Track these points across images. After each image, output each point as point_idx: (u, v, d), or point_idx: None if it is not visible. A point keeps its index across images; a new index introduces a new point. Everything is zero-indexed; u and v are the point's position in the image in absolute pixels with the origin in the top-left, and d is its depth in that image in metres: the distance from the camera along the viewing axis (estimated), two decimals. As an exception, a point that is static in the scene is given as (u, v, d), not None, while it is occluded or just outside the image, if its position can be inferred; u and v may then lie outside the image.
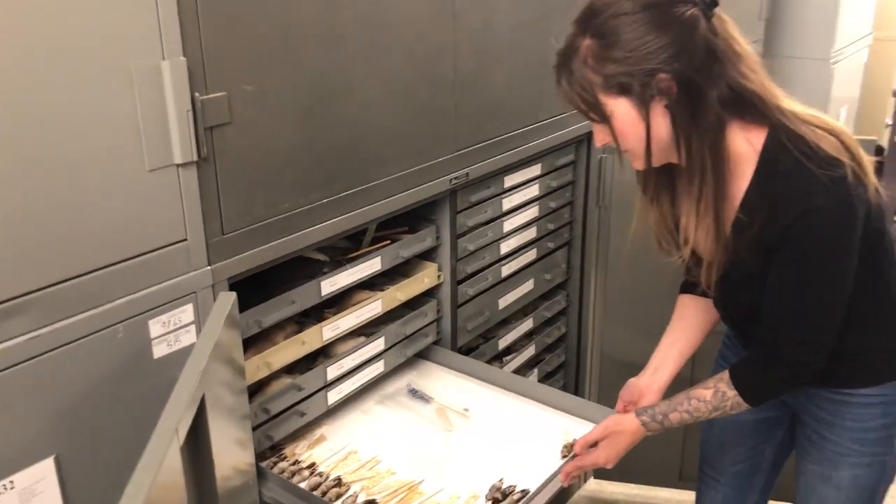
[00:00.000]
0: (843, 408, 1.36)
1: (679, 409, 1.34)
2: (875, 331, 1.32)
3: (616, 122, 1.17)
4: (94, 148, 1.01)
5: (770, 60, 3.06)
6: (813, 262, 1.17)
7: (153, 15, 1.02)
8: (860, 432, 1.36)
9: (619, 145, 1.21)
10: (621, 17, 1.13)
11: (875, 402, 1.34)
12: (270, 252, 1.27)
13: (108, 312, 1.06)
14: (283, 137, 1.25)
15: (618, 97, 1.15)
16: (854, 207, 1.14)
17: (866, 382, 1.34)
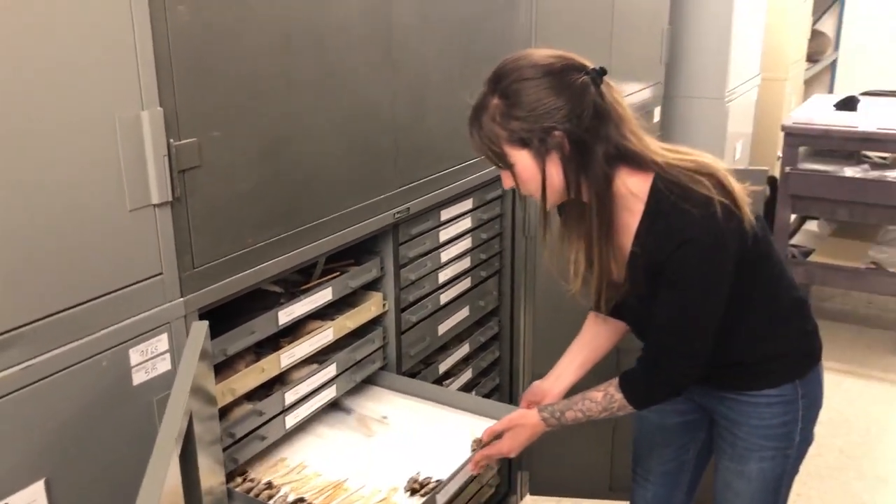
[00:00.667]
0: (749, 408, 1.54)
1: (574, 408, 1.51)
2: (770, 340, 1.51)
3: (518, 170, 1.37)
4: (81, 191, 1.10)
5: (671, 101, 3.34)
6: (688, 286, 1.37)
7: (134, 70, 1.13)
8: (765, 429, 1.54)
9: (520, 189, 1.40)
10: (524, 81, 1.33)
11: (776, 402, 1.53)
12: (236, 284, 1.37)
13: (93, 343, 1.14)
14: (247, 178, 1.36)
15: (520, 149, 1.35)
16: (724, 240, 1.34)
17: (767, 385, 1.52)
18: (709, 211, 1.32)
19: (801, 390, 1.52)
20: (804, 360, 1.55)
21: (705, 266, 1.35)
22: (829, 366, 3.34)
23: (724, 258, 1.35)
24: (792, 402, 1.53)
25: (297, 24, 1.40)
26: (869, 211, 3.35)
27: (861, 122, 3.43)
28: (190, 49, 1.21)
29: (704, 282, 1.36)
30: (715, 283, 1.37)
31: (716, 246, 1.33)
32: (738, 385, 1.54)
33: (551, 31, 2.24)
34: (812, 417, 1.57)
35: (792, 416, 1.53)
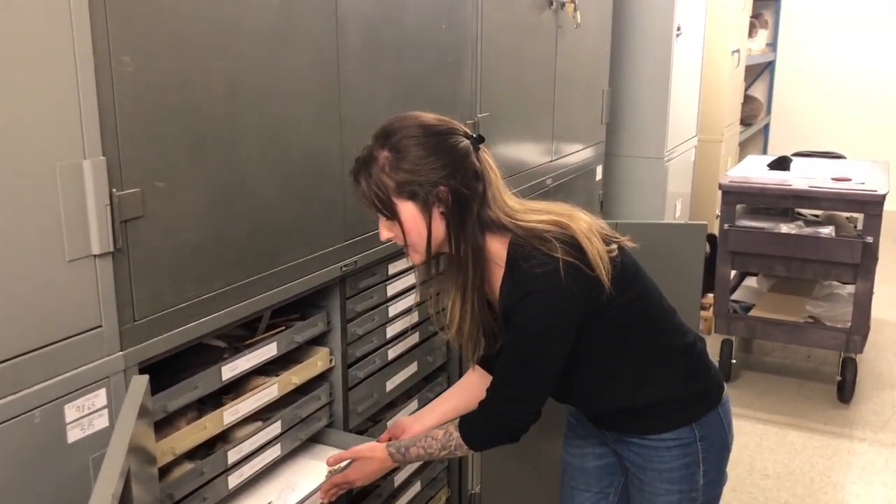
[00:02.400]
0: (651, 452, 1.58)
1: (417, 444, 1.56)
2: (653, 385, 1.56)
3: (403, 220, 1.43)
4: (18, 240, 1.07)
5: (612, 160, 3.43)
6: (526, 334, 1.44)
7: (77, 118, 1.12)
8: (668, 472, 1.58)
9: (404, 239, 1.45)
10: (411, 138, 1.41)
11: (673, 445, 1.56)
12: (178, 337, 1.34)
13: (26, 398, 1.10)
14: (190, 230, 1.34)
15: (406, 200, 1.41)
16: (563, 295, 1.40)
17: (662, 429, 1.57)
18: (548, 269, 1.40)
19: (698, 432, 1.56)
20: (697, 403, 1.58)
21: (542, 317, 1.42)
22: (773, 419, 3.41)
23: (563, 311, 1.42)
24: (689, 444, 1.56)
25: (245, 76, 1.41)
26: (805, 266, 3.46)
27: (794, 180, 3.56)
28: (134, 99, 1.21)
29: (540, 332, 1.43)
30: (551, 334, 1.43)
31: (554, 300, 1.41)
32: (635, 429, 1.59)
33: (495, 89, 2.29)
34: (716, 459, 1.59)
35: (692, 458, 1.57)
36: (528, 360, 1.46)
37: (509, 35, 2.36)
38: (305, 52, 1.55)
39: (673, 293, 1.97)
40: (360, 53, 1.71)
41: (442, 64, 2.04)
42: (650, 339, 1.55)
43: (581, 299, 1.42)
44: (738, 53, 4.84)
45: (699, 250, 2.22)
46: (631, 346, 1.53)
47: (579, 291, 1.41)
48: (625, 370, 1.54)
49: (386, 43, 1.80)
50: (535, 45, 2.55)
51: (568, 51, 2.75)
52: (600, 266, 1.43)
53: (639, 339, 1.54)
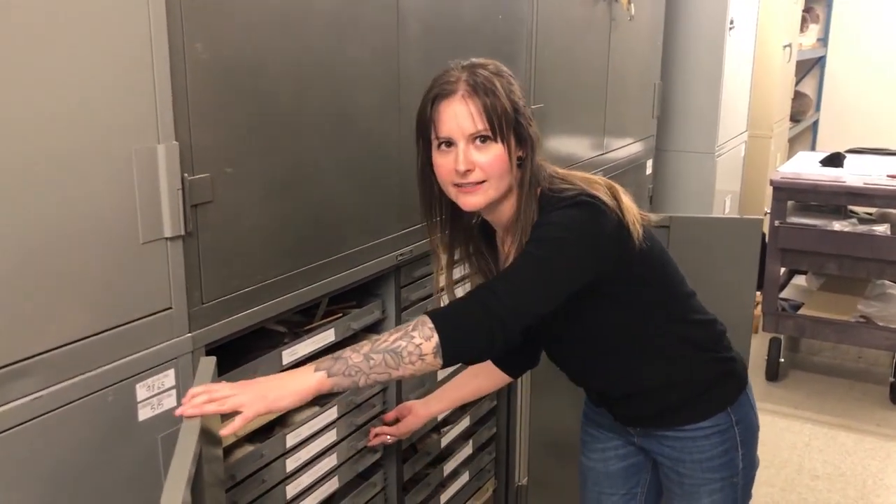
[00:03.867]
0: (689, 443, 1.56)
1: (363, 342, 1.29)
2: (690, 372, 1.54)
3: (504, 150, 1.36)
4: (96, 222, 1.10)
5: (662, 154, 3.40)
6: (549, 240, 1.35)
7: (152, 103, 1.14)
8: (707, 461, 1.55)
9: (484, 173, 1.36)
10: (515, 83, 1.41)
11: (712, 433, 1.54)
12: (243, 321, 1.36)
13: (100, 376, 1.13)
14: (256, 215, 1.36)
15: (511, 130, 1.37)
16: (594, 219, 1.35)
17: (699, 417, 1.54)
18: (582, 197, 1.37)
19: (734, 416, 1.55)
20: (731, 386, 1.57)
21: (569, 227, 1.34)
22: (822, 419, 3.35)
23: (591, 233, 1.35)
24: (727, 429, 1.55)
25: (311, 65, 1.43)
26: (857, 265, 3.40)
27: (848, 177, 3.50)
28: (206, 85, 1.23)
29: (562, 241, 1.34)
30: (572, 247, 1.35)
31: (586, 218, 1.35)
32: (671, 421, 1.56)
33: (548, 81, 2.29)
34: (751, 442, 1.59)
35: (731, 443, 1.56)
36: (538, 266, 1.33)
37: (564, 27, 2.36)
38: (368, 42, 1.57)
39: (725, 290, 1.96)
40: (419, 44, 1.72)
41: (497, 55, 2.02)
42: (677, 317, 1.53)
43: (610, 232, 1.36)
44: (790, 48, 4.76)
45: (754, 246, 2.19)
46: (659, 324, 1.50)
47: (610, 225, 1.36)
48: (655, 352, 1.51)
49: (444, 33, 1.81)
50: (588, 37, 2.54)
51: (621, 44, 2.73)
52: (633, 213, 1.41)
53: (666, 316, 1.51)
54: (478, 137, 1.36)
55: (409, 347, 1.25)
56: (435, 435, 2.04)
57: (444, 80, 1.38)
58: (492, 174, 1.37)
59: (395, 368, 1.25)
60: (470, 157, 1.35)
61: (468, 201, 1.38)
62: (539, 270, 1.33)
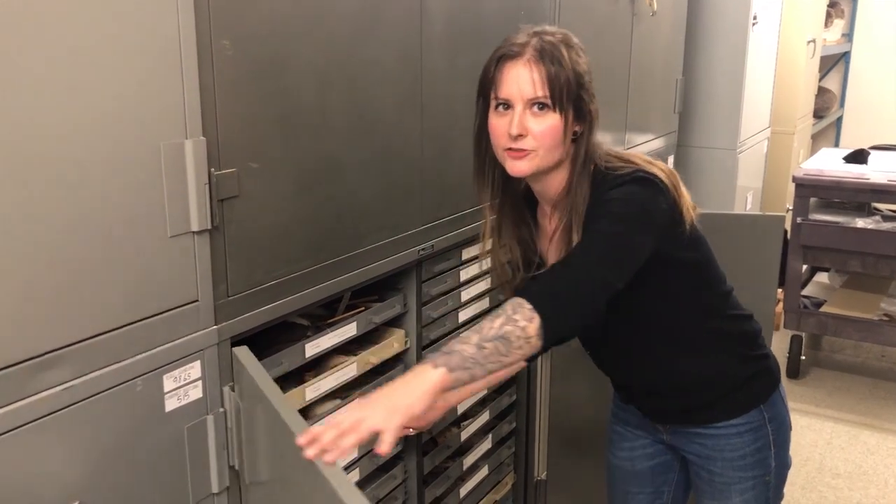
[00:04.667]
0: (720, 441, 1.54)
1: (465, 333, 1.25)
2: (725, 368, 1.53)
3: (559, 120, 1.35)
4: (125, 215, 1.12)
5: (684, 150, 3.39)
6: (615, 217, 1.34)
7: (180, 100, 1.16)
8: (740, 459, 1.54)
9: (535, 140, 1.35)
10: None
11: (745, 430, 1.53)
12: (267, 314, 1.38)
13: (130, 366, 1.15)
14: (281, 210, 1.38)
15: (570, 102, 1.36)
16: (660, 195, 1.36)
17: (732, 414, 1.53)
18: (640, 174, 1.37)
19: (767, 414, 1.54)
20: (764, 383, 1.56)
21: (635, 202, 1.34)
22: (844, 418, 3.34)
23: (653, 208, 1.35)
24: (760, 427, 1.54)
25: (335, 62, 1.45)
26: (881, 262, 3.38)
27: (872, 174, 3.47)
28: (233, 82, 1.25)
29: (630, 215, 1.34)
30: (638, 220, 1.34)
31: (647, 192, 1.35)
32: (703, 418, 1.55)
33: (571, 78, 2.29)
34: (784, 441, 1.57)
35: (763, 441, 1.54)
36: (612, 241, 1.32)
37: (586, 23, 2.36)
38: (391, 41, 1.58)
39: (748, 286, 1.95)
40: (442, 43, 1.73)
41: (519, 51, 2.04)
42: (716, 312, 1.52)
43: (666, 209, 1.37)
44: (814, 43, 4.71)
45: (776, 243, 2.19)
46: (698, 318, 1.50)
47: (666, 202, 1.37)
48: (692, 346, 1.51)
49: (466, 32, 1.82)
50: (610, 32, 2.53)
51: (643, 39, 2.72)
52: (687, 200, 1.42)
53: (706, 311, 1.50)
54: (536, 104, 1.35)
55: (515, 332, 1.22)
56: (455, 429, 2.06)
57: (512, 41, 1.37)
58: (543, 144, 1.36)
59: (506, 355, 1.22)
60: (524, 122, 1.35)
61: (515, 167, 1.38)
62: (613, 245, 1.32)
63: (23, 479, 1.04)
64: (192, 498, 1.28)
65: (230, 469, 1.33)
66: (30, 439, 1.04)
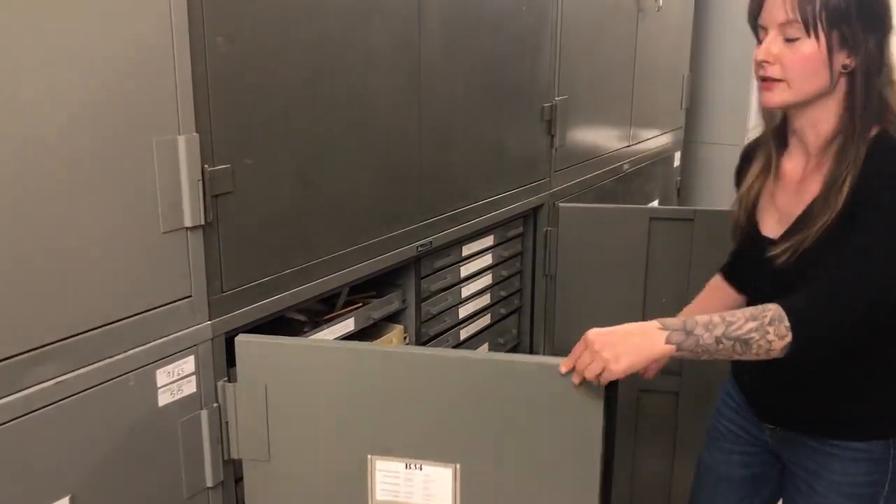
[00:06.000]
0: (833, 460, 1.39)
1: (711, 315, 1.23)
2: (882, 388, 1.37)
3: (814, 50, 1.25)
4: (119, 212, 1.13)
5: (691, 146, 3.37)
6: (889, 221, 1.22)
7: (173, 96, 1.17)
8: (847, 486, 1.39)
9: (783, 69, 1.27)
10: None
11: (861, 458, 1.37)
12: (263, 309, 1.39)
13: (122, 361, 1.16)
14: (276, 206, 1.39)
15: (832, 31, 1.24)
16: None
17: (854, 437, 1.37)
18: None
19: (893, 450, 1.37)
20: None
21: None
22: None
23: None
24: (881, 461, 1.38)
25: (331, 57, 1.45)
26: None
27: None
28: (226, 78, 1.25)
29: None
30: None
31: None
32: (825, 431, 1.40)
33: (573, 72, 2.28)
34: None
35: (879, 476, 1.38)
36: (885, 254, 1.21)
37: (590, 17, 2.34)
38: (388, 33, 1.58)
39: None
40: (441, 35, 1.73)
41: (521, 45, 2.04)
42: None
43: None
44: None
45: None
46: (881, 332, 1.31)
47: None
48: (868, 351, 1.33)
49: (466, 24, 1.81)
50: (615, 28, 2.52)
51: (648, 34, 2.71)
52: None
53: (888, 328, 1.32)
54: (789, 30, 1.26)
55: (760, 342, 1.21)
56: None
57: None
58: (792, 74, 1.27)
59: (741, 354, 1.22)
60: (771, 48, 1.28)
61: (764, 97, 1.31)
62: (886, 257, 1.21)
63: (15, 474, 1.05)
64: (186, 492, 1.29)
65: (224, 463, 1.34)
66: (22, 434, 1.05)
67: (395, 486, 1.29)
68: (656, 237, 2.04)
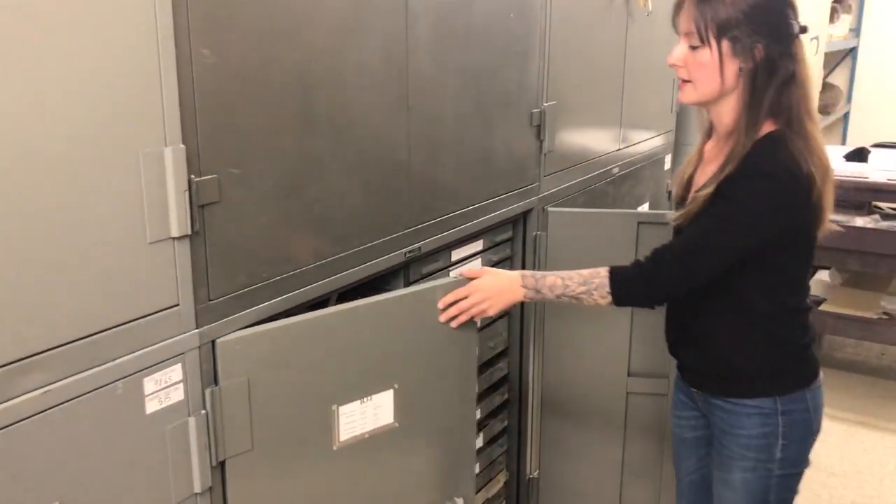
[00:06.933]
0: (732, 417, 1.62)
1: (556, 273, 1.62)
2: (759, 348, 1.59)
3: (710, 55, 1.48)
4: (104, 222, 1.14)
5: (682, 149, 3.38)
6: (734, 207, 1.47)
7: (159, 108, 1.18)
8: (745, 438, 1.61)
9: (687, 72, 1.53)
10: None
11: (753, 413, 1.60)
12: (251, 317, 1.40)
13: (110, 370, 1.17)
14: (264, 214, 1.40)
15: (724, 39, 1.47)
16: (788, 196, 1.45)
17: (745, 395, 1.60)
18: (794, 171, 1.44)
19: (780, 406, 1.58)
20: (785, 379, 1.60)
21: (760, 199, 1.46)
22: (843, 416, 3.34)
23: (777, 208, 1.46)
24: (770, 415, 1.59)
25: (317, 67, 1.46)
26: (880, 261, 3.37)
27: (871, 172, 3.46)
28: (213, 89, 1.26)
29: (747, 212, 1.47)
30: (753, 220, 1.47)
31: (780, 194, 1.45)
32: (721, 390, 1.64)
33: (562, 78, 2.30)
34: (797, 438, 1.61)
35: (771, 429, 1.59)
36: (717, 233, 1.49)
37: (578, 23, 2.36)
38: (376, 42, 1.59)
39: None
40: (429, 44, 1.74)
41: (509, 53, 2.05)
42: (781, 300, 1.57)
43: (795, 214, 1.47)
44: (818, 40, 4.69)
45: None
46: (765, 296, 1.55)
47: (799, 206, 1.46)
48: (742, 318, 1.58)
49: (454, 33, 1.83)
50: (604, 32, 2.54)
51: (638, 39, 2.72)
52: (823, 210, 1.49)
53: (775, 293, 1.56)
54: (691, 38, 1.50)
55: (588, 300, 1.59)
56: (445, 428, 2.08)
57: None
58: (695, 76, 1.52)
59: (577, 305, 1.63)
60: (679, 53, 1.54)
61: (679, 95, 1.59)
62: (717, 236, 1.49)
63: (3, 483, 1.06)
64: (175, 498, 1.31)
65: (213, 469, 1.35)
66: (10, 443, 1.06)
67: (352, 423, 1.54)
68: (644, 241, 2.06)
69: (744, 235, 1.49)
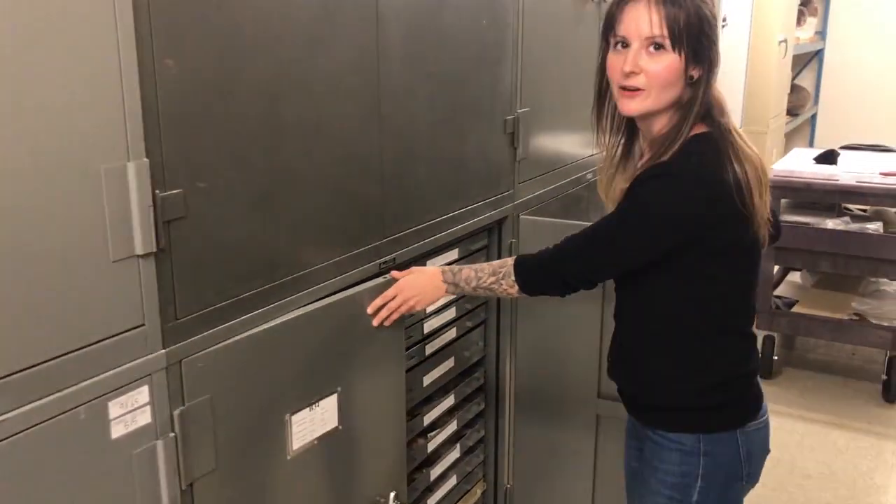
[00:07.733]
0: (655, 449, 1.56)
1: (470, 266, 1.65)
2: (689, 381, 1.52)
3: (672, 62, 1.41)
4: (65, 241, 1.09)
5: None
6: (632, 207, 1.45)
7: (121, 122, 1.14)
8: (662, 473, 1.54)
9: (647, 79, 1.43)
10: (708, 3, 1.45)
11: (674, 448, 1.52)
12: (220, 335, 1.36)
13: (73, 395, 1.12)
14: (232, 229, 1.36)
15: (687, 47, 1.41)
16: (690, 202, 1.40)
17: (668, 427, 1.54)
18: (706, 175, 1.40)
19: (703, 446, 1.49)
20: (711, 417, 1.51)
21: (658, 202, 1.41)
22: (815, 418, 3.36)
23: (675, 216, 1.41)
24: (690, 454, 1.50)
25: (285, 76, 1.42)
26: (851, 262, 3.40)
27: (841, 175, 3.49)
28: (177, 101, 1.22)
29: (644, 213, 1.43)
30: (650, 223, 1.42)
31: (680, 198, 1.40)
32: (649, 420, 1.59)
33: (536, 84, 2.28)
34: (718, 483, 1.51)
35: (690, 468, 1.51)
36: (616, 229, 1.47)
37: (552, 29, 2.34)
38: (345, 51, 1.56)
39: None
40: (400, 52, 1.71)
41: (482, 60, 2.03)
42: (715, 318, 1.50)
43: (699, 220, 1.40)
44: (785, 43, 4.73)
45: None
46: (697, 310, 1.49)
47: (703, 213, 1.40)
48: (673, 336, 1.52)
49: (426, 41, 1.80)
50: (577, 38, 2.52)
51: (610, 44, 2.71)
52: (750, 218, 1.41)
53: (708, 308, 1.49)
54: (653, 44, 1.41)
55: (499, 290, 1.60)
56: (421, 440, 2.05)
57: None
58: (655, 84, 1.42)
59: (493, 297, 1.69)
60: (638, 60, 1.42)
61: (626, 105, 1.47)
62: (615, 236, 1.47)
63: (-42, 515, 1.01)
64: (143, 524, 1.26)
65: (181, 492, 1.31)
66: (-34, 474, 1.01)
67: (303, 430, 1.53)
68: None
69: (642, 235, 1.44)
